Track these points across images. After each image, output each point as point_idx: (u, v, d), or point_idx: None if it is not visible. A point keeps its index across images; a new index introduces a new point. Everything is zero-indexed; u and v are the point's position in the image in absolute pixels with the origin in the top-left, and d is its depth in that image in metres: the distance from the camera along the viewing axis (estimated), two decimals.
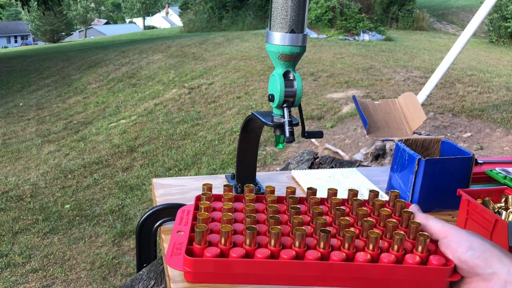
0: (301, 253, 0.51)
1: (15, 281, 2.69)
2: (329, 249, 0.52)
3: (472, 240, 0.48)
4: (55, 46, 16.79)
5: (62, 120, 6.12)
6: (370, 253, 0.51)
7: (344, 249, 0.52)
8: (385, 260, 0.51)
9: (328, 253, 0.52)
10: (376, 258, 0.52)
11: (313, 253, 0.51)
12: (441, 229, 0.51)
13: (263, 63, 6.90)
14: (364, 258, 0.50)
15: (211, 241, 0.52)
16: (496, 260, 0.45)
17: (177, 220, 0.60)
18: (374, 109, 1.25)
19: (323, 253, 0.51)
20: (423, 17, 13.37)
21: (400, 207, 0.60)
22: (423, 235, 0.51)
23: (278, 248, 0.51)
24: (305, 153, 1.47)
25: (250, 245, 0.51)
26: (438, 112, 4.57)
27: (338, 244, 0.53)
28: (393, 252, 0.52)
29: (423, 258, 0.51)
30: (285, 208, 0.63)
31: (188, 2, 18.21)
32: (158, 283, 0.85)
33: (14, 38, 39.11)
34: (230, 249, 0.51)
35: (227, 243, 0.51)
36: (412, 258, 0.51)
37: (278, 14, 0.77)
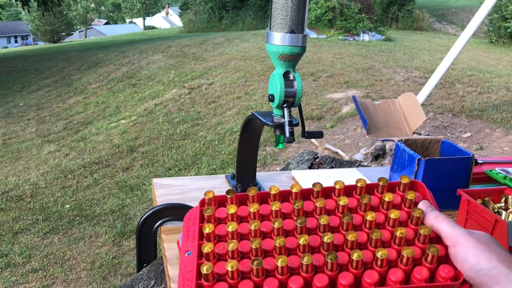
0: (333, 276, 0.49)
1: (15, 281, 2.69)
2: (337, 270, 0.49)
3: (479, 256, 0.47)
4: (55, 46, 16.79)
5: (62, 120, 6.12)
6: (378, 270, 0.49)
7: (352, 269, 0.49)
8: (393, 278, 0.48)
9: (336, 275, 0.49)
10: (384, 274, 0.49)
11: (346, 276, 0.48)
12: (451, 236, 0.49)
13: (263, 63, 6.90)
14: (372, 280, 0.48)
15: (219, 273, 0.50)
16: (503, 278, 0.45)
17: (184, 231, 0.58)
18: (374, 109, 1.25)
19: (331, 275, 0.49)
20: (423, 17, 13.37)
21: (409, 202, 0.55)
22: (433, 249, 0.48)
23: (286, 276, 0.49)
24: (305, 153, 1.47)
25: (258, 276, 0.49)
26: (438, 112, 4.57)
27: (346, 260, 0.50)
28: (401, 266, 0.49)
29: (432, 270, 0.49)
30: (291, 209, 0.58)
31: (188, 2, 18.21)
32: (158, 283, 0.85)
33: (14, 38, 39.11)
34: (239, 284, 0.49)
35: (235, 277, 0.49)
36: (421, 273, 0.48)
37: (278, 15, 0.77)
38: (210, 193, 0.59)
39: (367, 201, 0.56)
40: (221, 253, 0.53)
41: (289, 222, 0.55)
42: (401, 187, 0.58)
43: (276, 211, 0.56)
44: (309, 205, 0.58)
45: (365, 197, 0.56)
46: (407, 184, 0.57)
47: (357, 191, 0.59)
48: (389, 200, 0.55)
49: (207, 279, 0.49)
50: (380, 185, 0.58)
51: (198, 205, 0.60)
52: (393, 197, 0.56)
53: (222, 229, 0.56)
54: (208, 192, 0.59)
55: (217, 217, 0.57)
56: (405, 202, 0.56)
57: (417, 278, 0.48)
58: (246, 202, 0.59)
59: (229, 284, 0.49)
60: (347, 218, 0.53)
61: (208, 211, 0.56)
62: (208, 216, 0.56)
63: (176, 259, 0.82)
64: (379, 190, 0.58)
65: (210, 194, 0.59)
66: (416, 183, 0.58)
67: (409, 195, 0.55)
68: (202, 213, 0.58)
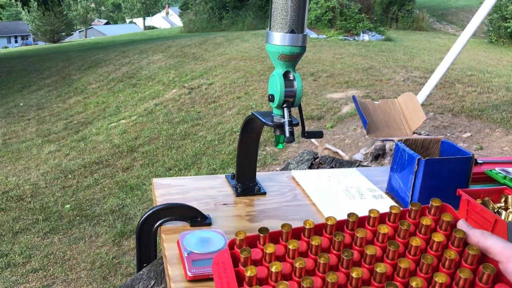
0: None
1: (15, 281, 2.69)
2: None
3: None
4: (55, 46, 16.79)
5: (62, 120, 6.12)
6: None
7: None
8: None
9: None
10: None
11: None
12: (504, 251, 0.47)
13: (263, 63, 6.90)
14: None
15: None
16: None
17: (216, 279, 0.53)
18: (374, 109, 1.25)
19: None
20: (423, 17, 13.37)
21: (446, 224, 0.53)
22: (489, 268, 0.46)
23: None
24: (305, 153, 1.47)
25: None
26: (437, 112, 4.57)
27: None
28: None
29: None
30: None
31: (188, 2, 18.22)
32: (158, 283, 0.85)
33: (14, 38, 39.11)
34: None
35: None
36: None
37: (278, 15, 0.78)
38: (241, 234, 0.55)
39: (407, 227, 0.54)
40: None
41: (331, 257, 0.52)
42: (432, 211, 0.57)
43: (317, 246, 0.53)
44: (347, 237, 0.56)
45: (404, 223, 0.54)
46: (438, 207, 0.56)
47: (390, 219, 0.57)
48: (427, 224, 0.54)
49: None
50: (414, 210, 0.56)
51: (227, 247, 0.56)
52: (430, 221, 0.54)
53: (262, 271, 0.51)
54: (239, 233, 0.55)
55: (253, 259, 0.53)
56: (441, 225, 0.54)
57: None
58: (279, 240, 0.56)
59: None
60: (393, 246, 0.51)
61: (245, 252, 0.52)
62: (245, 258, 0.52)
63: (176, 259, 0.82)
64: (412, 216, 0.57)
65: (241, 234, 0.55)
66: (445, 206, 0.57)
67: (446, 217, 0.54)
68: (233, 256, 0.54)
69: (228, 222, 0.94)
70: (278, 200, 1.05)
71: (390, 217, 0.57)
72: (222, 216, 0.96)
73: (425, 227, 0.54)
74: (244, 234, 0.55)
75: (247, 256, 0.52)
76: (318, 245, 0.53)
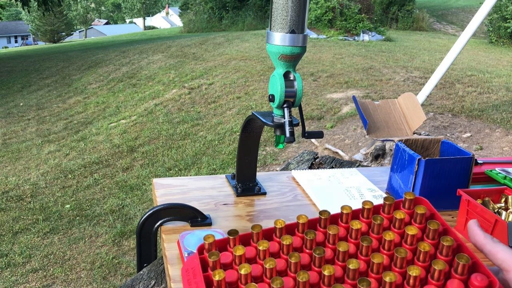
0: None
1: (15, 281, 2.69)
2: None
3: None
4: (55, 46, 16.79)
5: (62, 120, 6.12)
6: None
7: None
8: None
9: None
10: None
11: None
12: (510, 260, 0.46)
13: (263, 64, 6.90)
14: None
15: None
16: None
17: (185, 285, 0.52)
18: (374, 110, 1.25)
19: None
20: (423, 17, 13.38)
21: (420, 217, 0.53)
22: (463, 258, 0.46)
23: None
24: (305, 153, 1.47)
25: None
26: (438, 112, 4.58)
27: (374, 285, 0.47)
28: (433, 282, 0.46)
29: (464, 281, 0.46)
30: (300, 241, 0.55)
31: (188, 2, 18.22)
32: (159, 283, 0.85)
33: (15, 38, 39.11)
34: None
35: None
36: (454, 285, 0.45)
37: (278, 15, 0.78)
38: (210, 238, 0.54)
39: (380, 221, 0.53)
40: None
41: (303, 256, 0.52)
42: (406, 204, 0.55)
43: (288, 246, 0.52)
44: (319, 235, 0.55)
45: (377, 218, 0.53)
46: (412, 200, 0.55)
47: (364, 214, 0.56)
48: (401, 218, 0.53)
49: None
50: (387, 204, 0.55)
51: (196, 253, 0.54)
52: (404, 215, 0.53)
53: (231, 275, 0.50)
54: (208, 237, 0.54)
55: (222, 263, 0.52)
56: (415, 218, 0.53)
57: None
58: (250, 242, 0.55)
59: None
60: (366, 242, 0.50)
61: (213, 256, 0.51)
62: (213, 262, 0.51)
63: (176, 259, 0.82)
64: (386, 210, 0.56)
65: (210, 238, 0.54)
66: (419, 199, 0.56)
67: (419, 209, 0.53)
68: (203, 261, 0.53)
69: (228, 222, 0.94)
70: (278, 200, 1.05)
71: (364, 213, 0.56)
72: (222, 216, 0.96)
73: (399, 221, 0.53)
74: (213, 238, 0.54)
75: (215, 260, 0.51)
76: (289, 245, 0.52)
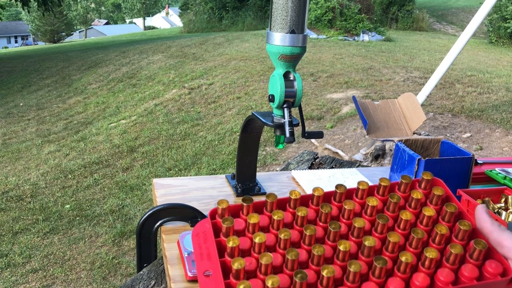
0: None
1: (15, 281, 2.69)
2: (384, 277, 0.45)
3: None
4: (55, 47, 16.79)
5: (62, 120, 6.12)
6: (426, 271, 0.45)
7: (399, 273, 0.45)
8: (442, 278, 0.44)
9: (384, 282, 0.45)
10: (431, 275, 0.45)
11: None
12: None
13: (263, 64, 6.90)
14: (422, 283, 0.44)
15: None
16: None
17: (196, 250, 0.50)
18: (374, 110, 1.25)
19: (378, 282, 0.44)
20: (423, 17, 13.38)
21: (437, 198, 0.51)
22: (480, 244, 0.45)
23: None
24: (305, 153, 1.47)
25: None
26: (437, 112, 4.58)
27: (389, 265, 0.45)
28: (448, 265, 0.45)
29: (479, 266, 0.45)
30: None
31: (188, 2, 18.22)
32: (159, 283, 0.85)
33: (15, 38, 39.11)
34: None
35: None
36: (469, 270, 0.44)
37: (278, 15, 0.78)
38: (224, 203, 0.52)
39: (397, 200, 0.51)
40: (250, 270, 0.46)
41: (318, 229, 0.50)
42: (422, 184, 0.53)
43: (303, 218, 0.50)
44: (334, 209, 0.53)
45: (394, 197, 0.51)
46: (429, 180, 0.53)
47: (379, 191, 0.54)
48: (417, 198, 0.51)
49: None
50: (404, 183, 0.54)
51: (208, 217, 0.53)
52: (421, 195, 0.51)
53: (244, 242, 0.49)
54: (222, 202, 0.52)
55: (235, 229, 0.51)
56: (431, 199, 0.52)
57: (466, 276, 0.45)
58: (263, 211, 0.53)
59: None
60: (382, 220, 0.49)
61: (227, 222, 0.49)
62: (227, 228, 0.49)
63: (176, 259, 0.82)
64: (402, 189, 0.54)
65: (224, 203, 0.52)
66: (436, 180, 0.54)
67: (437, 191, 0.51)
68: (215, 226, 0.51)
69: None
70: None
71: (379, 190, 0.54)
72: None
73: (415, 200, 0.51)
74: (227, 203, 0.52)
75: (229, 226, 0.49)
76: (304, 216, 0.50)
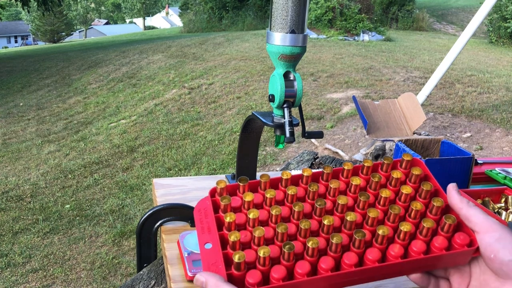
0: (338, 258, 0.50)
1: (15, 281, 2.69)
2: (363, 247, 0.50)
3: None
4: (55, 46, 16.80)
5: (62, 120, 6.12)
6: (401, 243, 0.50)
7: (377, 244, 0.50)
8: (415, 249, 0.50)
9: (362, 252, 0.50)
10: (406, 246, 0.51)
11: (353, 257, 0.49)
12: (483, 223, 0.49)
13: (263, 63, 6.90)
14: (397, 253, 0.49)
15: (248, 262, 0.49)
16: None
17: (198, 223, 0.56)
18: (374, 110, 1.25)
19: (358, 252, 0.50)
20: (423, 17, 13.38)
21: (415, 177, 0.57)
22: (450, 218, 0.50)
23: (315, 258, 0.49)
24: (305, 153, 1.47)
25: (289, 260, 0.49)
26: (437, 112, 4.58)
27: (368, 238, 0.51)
28: (421, 237, 0.51)
29: (448, 238, 0.50)
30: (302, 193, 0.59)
31: (188, 2, 18.22)
32: (159, 283, 0.85)
33: (14, 38, 39.12)
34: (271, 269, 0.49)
35: (267, 263, 0.49)
36: (439, 241, 0.50)
37: (278, 15, 0.78)
38: (222, 183, 0.59)
39: (378, 179, 0.57)
40: (245, 242, 0.52)
41: (306, 205, 0.56)
42: (403, 164, 0.59)
43: (293, 196, 0.56)
44: (321, 188, 0.59)
45: (375, 176, 0.57)
46: (409, 161, 0.59)
47: (363, 171, 0.60)
48: (397, 177, 0.57)
49: (239, 268, 0.48)
50: (386, 164, 0.59)
51: (208, 195, 0.59)
52: (401, 174, 0.57)
53: (240, 218, 0.55)
54: (220, 182, 0.59)
55: (232, 206, 0.57)
56: (410, 178, 0.57)
57: (436, 247, 0.50)
58: (257, 189, 0.59)
59: (261, 270, 0.48)
60: (363, 197, 0.54)
61: (225, 200, 0.56)
62: (225, 205, 0.56)
63: (176, 259, 0.82)
64: (384, 169, 0.60)
65: (222, 183, 0.59)
66: (416, 160, 0.59)
67: (415, 171, 0.57)
68: (214, 203, 0.57)
69: None
70: None
71: (363, 170, 0.60)
72: None
73: (395, 179, 0.57)
74: (224, 183, 0.58)
75: (226, 204, 0.55)
76: (294, 194, 0.56)
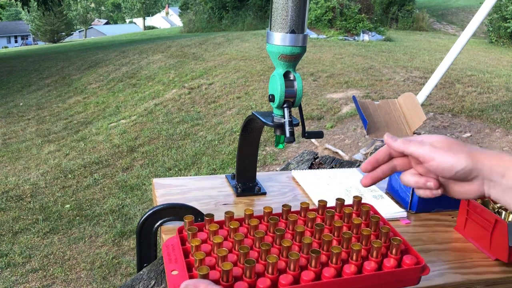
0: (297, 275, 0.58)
1: (15, 281, 2.69)
2: (320, 266, 0.58)
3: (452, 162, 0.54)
4: (55, 46, 16.79)
5: (62, 120, 6.12)
6: (354, 263, 0.58)
7: (333, 264, 0.58)
8: (368, 268, 0.58)
9: (320, 270, 0.58)
10: (360, 266, 0.59)
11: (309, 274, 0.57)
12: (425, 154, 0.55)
13: (263, 63, 6.90)
14: (351, 270, 0.57)
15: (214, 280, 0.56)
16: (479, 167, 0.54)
17: (166, 257, 0.64)
18: (374, 110, 1.25)
19: (315, 271, 0.57)
20: (423, 17, 13.38)
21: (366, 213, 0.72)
22: (396, 240, 0.60)
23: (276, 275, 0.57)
24: (305, 153, 1.47)
25: (251, 277, 0.55)
26: (437, 112, 4.58)
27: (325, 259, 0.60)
28: (372, 259, 0.59)
29: (397, 260, 0.59)
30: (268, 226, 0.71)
31: (188, 2, 18.22)
32: (159, 283, 0.85)
33: (14, 38, 39.12)
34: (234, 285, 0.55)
35: (230, 280, 0.55)
36: (389, 262, 0.59)
37: (278, 15, 0.78)
38: (189, 218, 0.69)
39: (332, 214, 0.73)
40: (211, 264, 0.59)
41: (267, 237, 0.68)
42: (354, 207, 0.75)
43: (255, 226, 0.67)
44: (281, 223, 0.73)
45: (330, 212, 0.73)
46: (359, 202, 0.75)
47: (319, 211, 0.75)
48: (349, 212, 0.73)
49: None
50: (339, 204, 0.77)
51: (176, 233, 0.67)
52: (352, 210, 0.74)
53: (205, 247, 0.64)
54: (188, 217, 0.69)
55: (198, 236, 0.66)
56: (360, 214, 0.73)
57: (387, 266, 0.60)
58: (223, 225, 0.70)
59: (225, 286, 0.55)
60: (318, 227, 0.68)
61: (193, 229, 0.65)
62: (193, 234, 0.64)
63: None
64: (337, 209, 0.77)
65: (189, 218, 0.69)
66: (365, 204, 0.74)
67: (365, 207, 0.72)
68: (181, 239, 0.66)
69: None
70: (278, 200, 1.05)
71: (319, 210, 0.75)
72: (222, 216, 0.95)
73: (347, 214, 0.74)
74: (191, 217, 0.69)
75: (194, 232, 0.65)
76: (257, 225, 0.68)
